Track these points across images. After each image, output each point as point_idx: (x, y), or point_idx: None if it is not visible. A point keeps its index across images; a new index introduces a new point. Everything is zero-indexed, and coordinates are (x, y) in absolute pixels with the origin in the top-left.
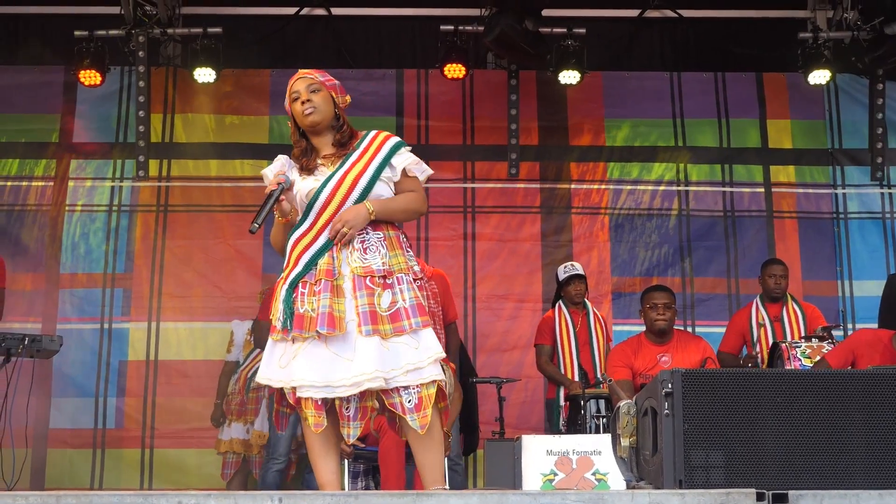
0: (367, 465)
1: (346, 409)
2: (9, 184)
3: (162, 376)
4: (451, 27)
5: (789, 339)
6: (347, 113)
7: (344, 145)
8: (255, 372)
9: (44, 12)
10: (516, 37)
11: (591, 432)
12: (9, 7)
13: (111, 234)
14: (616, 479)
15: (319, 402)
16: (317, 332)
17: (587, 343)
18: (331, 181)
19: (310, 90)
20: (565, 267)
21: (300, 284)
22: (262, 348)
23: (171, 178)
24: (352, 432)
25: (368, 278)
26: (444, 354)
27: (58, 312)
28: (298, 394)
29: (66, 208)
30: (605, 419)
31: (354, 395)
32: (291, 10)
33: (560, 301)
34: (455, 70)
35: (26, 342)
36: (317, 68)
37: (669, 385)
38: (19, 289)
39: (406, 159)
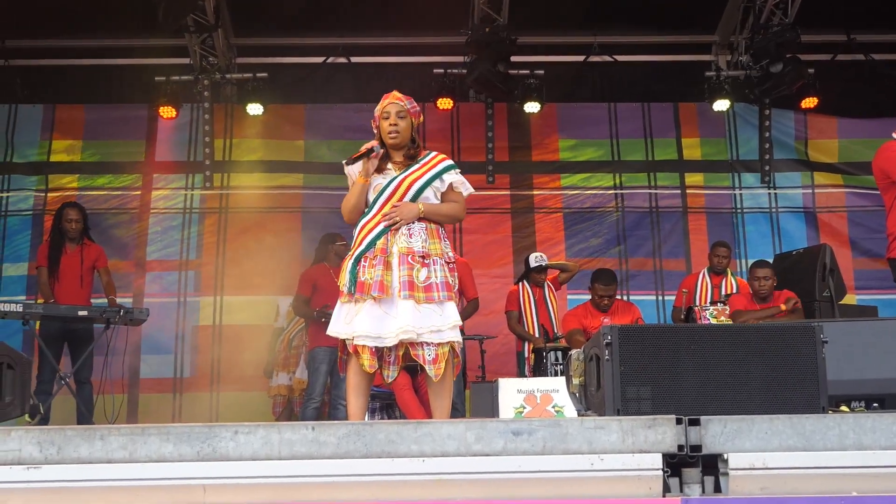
0: (381, 403)
1: (389, 356)
2: (105, 192)
3: (225, 337)
4: (442, 70)
5: (699, 303)
6: (367, 137)
7: (412, 158)
8: (297, 334)
9: (131, 63)
10: (491, 77)
11: (550, 375)
12: (105, 60)
13: (185, 230)
14: (570, 410)
15: (374, 350)
16: (371, 295)
17: (544, 308)
18: (394, 182)
19: (398, 115)
20: (535, 257)
21: (362, 259)
22: (298, 315)
23: (230, 188)
24: (390, 374)
25: (410, 256)
26: (460, 323)
27: (145, 290)
28: (356, 342)
29: (151, 211)
30: (560, 365)
31: (394, 345)
32: (320, 60)
33: (524, 279)
34: (445, 103)
35: (121, 313)
36: (338, 103)
37: (609, 337)
38: (114, 271)
39: (454, 177)
